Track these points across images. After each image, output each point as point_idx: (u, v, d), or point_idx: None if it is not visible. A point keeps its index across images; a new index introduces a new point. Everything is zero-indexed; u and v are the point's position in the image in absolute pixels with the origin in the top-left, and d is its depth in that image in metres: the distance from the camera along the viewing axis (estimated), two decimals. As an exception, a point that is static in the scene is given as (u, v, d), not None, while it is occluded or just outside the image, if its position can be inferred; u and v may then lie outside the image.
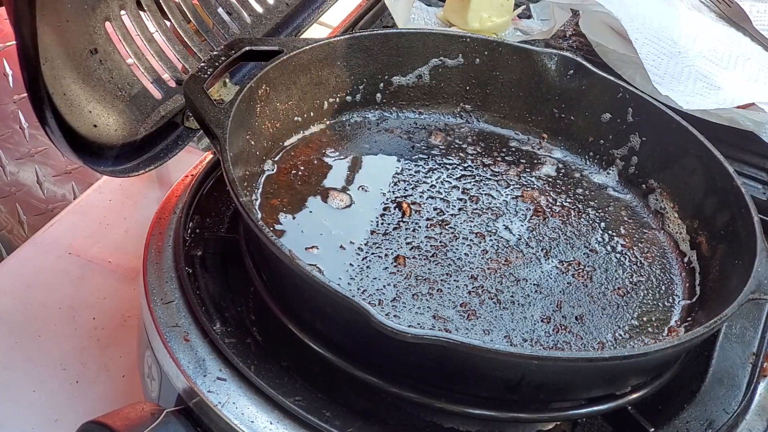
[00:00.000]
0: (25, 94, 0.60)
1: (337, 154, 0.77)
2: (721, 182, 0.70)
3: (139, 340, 0.68)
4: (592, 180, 0.79)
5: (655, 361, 0.60)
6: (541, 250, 0.71)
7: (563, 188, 0.78)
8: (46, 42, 0.63)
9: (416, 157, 0.79)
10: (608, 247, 0.72)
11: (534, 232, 0.72)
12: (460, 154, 0.80)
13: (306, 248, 0.66)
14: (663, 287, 0.69)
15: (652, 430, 0.59)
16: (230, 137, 0.64)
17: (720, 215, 0.70)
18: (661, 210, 0.76)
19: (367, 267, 0.66)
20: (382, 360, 0.57)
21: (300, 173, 0.74)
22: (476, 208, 0.74)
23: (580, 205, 0.76)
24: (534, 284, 0.67)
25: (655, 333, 0.64)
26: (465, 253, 0.69)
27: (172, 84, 0.77)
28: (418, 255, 0.68)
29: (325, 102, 0.79)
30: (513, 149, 0.81)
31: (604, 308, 0.66)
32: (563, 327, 0.63)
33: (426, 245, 0.69)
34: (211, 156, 0.75)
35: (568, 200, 0.77)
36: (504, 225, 0.72)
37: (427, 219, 0.72)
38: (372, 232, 0.69)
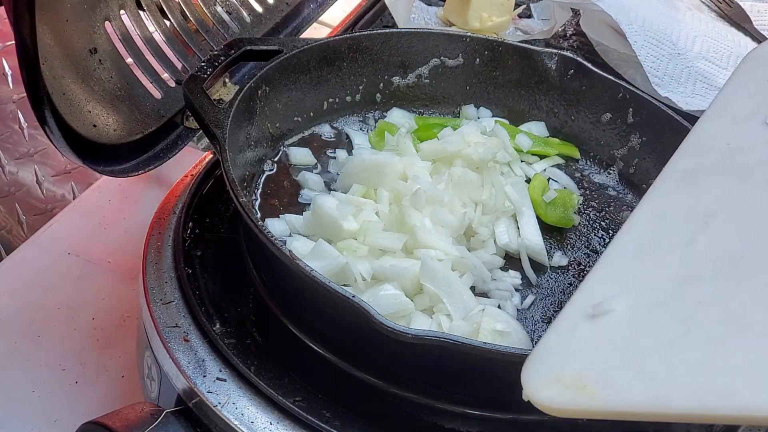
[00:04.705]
0: (25, 94, 0.60)
1: (337, 154, 0.77)
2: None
3: (138, 341, 0.67)
4: (592, 180, 0.79)
5: (655, 362, 0.60)
6: (542, 250, 0.70)
7: (564, 188, 0.78)
8: (46, 42, 0.62)
9: (416, 157, 0.79)
10: (609, 248, 0.72)
11: (534, 233, 0.72)
12: (461, 154, 0.80)
13: (306, 248, 0.66)
14: (663, 287, 0.69)
15: (653, 430, 0.59)
16: (230, 137, 0.64)
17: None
18: (661, 210, 0.76)
19: (367, 267, 0.66)
20: (382, 360, 0.57)
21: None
22: (476, 208, 0.73)
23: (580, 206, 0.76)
24: (534, 285, 0.67)
25: (656, 333, 0.64)
26: (465, 254, 0.68)
27: (172, 84, 0.77)
28: (419, 255, 0.68)
29: (325, 102, 0.79)
30: (513, 149, 0.81)
31: (605, 308, 0.65)
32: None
33: (426, 245, 0.69)
34: (211, 156, 0.75)
35: (569, 200, 0.76)
36: (504, 225, 0.72)
37: (428, 219, 0.71)
38: (372, 232, 0.69)
